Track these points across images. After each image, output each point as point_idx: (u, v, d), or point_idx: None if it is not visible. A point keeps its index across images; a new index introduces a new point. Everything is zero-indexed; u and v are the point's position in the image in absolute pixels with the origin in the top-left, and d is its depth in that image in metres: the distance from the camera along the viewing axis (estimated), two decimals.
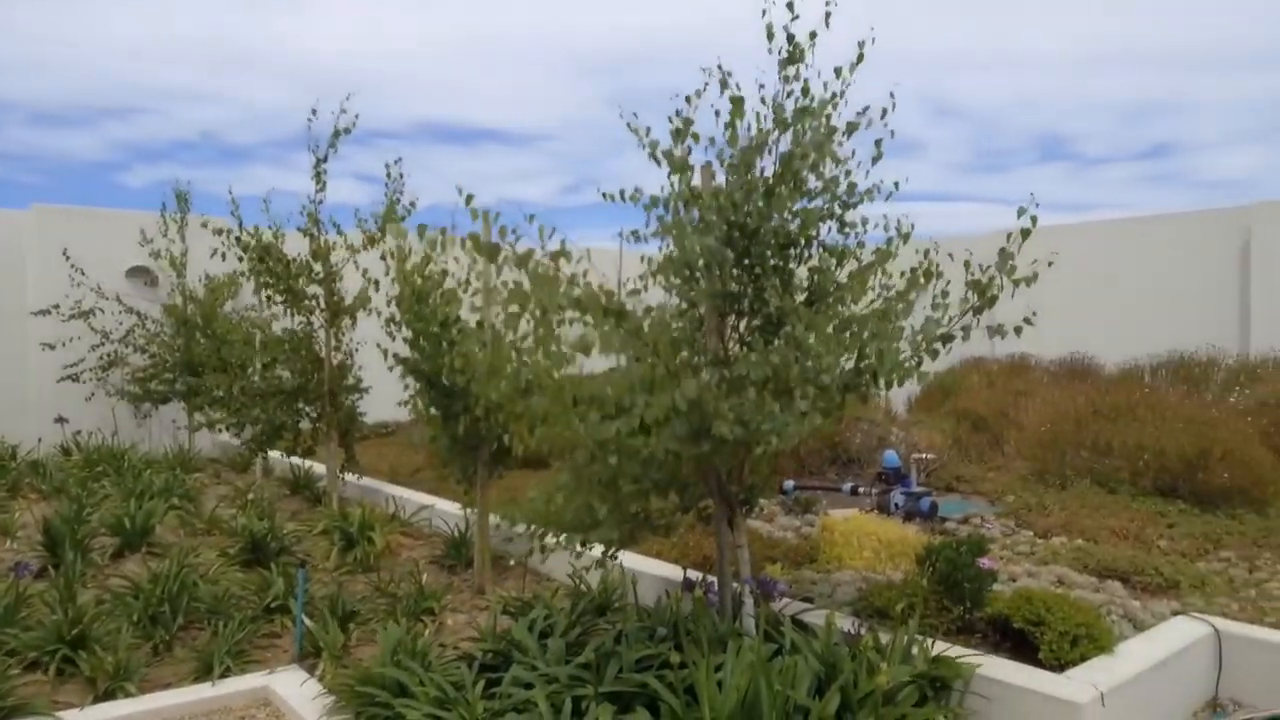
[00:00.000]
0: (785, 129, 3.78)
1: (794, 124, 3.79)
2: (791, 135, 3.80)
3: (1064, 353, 14.20)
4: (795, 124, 3.78)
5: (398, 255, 6.04)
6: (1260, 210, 14.76)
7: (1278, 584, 5.12)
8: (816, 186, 3.85)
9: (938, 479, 8.48)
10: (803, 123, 3.77)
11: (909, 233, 3.85)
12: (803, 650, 3.62)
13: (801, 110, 3.78)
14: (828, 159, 3.80)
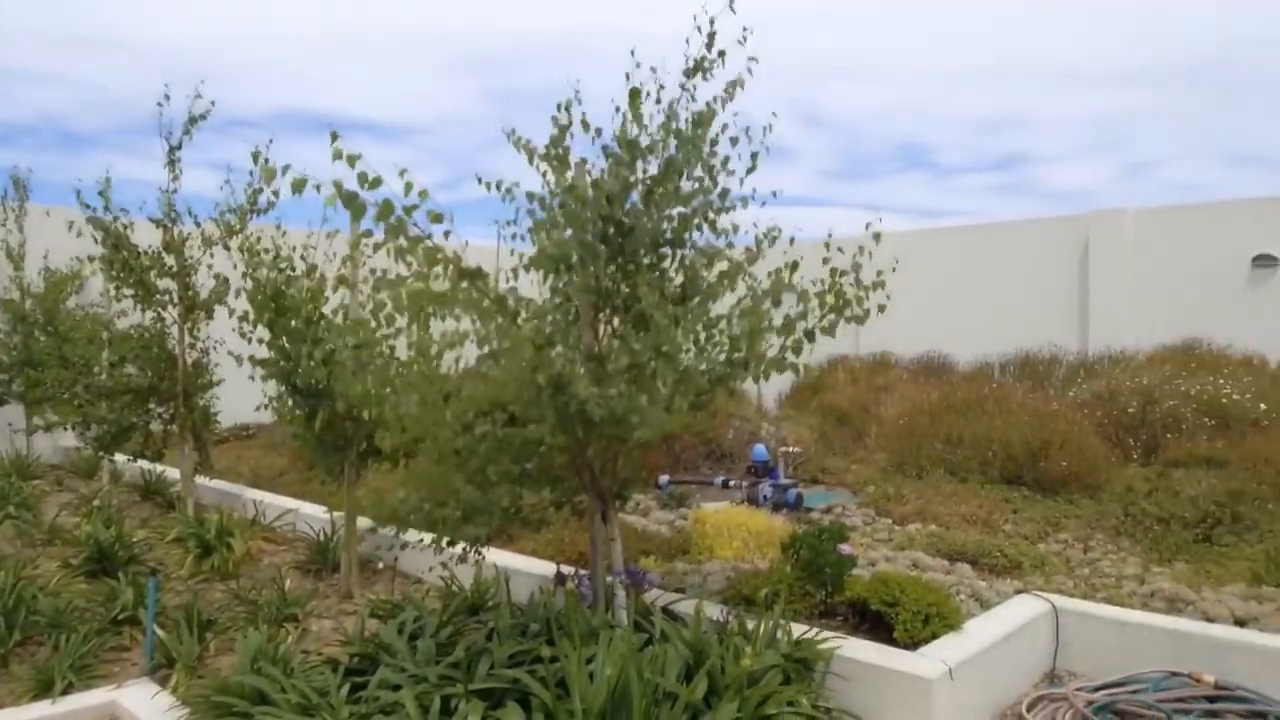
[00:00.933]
0: (674, 136, 3.84)
1: (689, 131, 3.85)
2: (677, 142, 3.86)
3: (921, 352, 14.95)
4: (691, 131, 3.85)
5: (249, 249, 5.78)
6: (1096, 218, 15.95)
7: (1109, 563, 5.55)
8: (692, 190, 3.94)
9: (804, 471, 8.78)
10: (693, 131, 3.85)
11: (776, 235, 3.98)
12: (672, 639, 3.68)
13: (695, 120, 3.85)
14: (703, 166, 3.88)
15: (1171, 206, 15.81)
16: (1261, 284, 14.35)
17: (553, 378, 3.43)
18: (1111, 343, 13.97)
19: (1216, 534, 5.86)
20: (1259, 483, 6.47)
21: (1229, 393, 9.05)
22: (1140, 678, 3.96)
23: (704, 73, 3.89)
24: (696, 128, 3.84)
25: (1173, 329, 13.41)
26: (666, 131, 3.82)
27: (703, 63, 3.89)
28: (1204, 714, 3.73)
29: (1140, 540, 6.00)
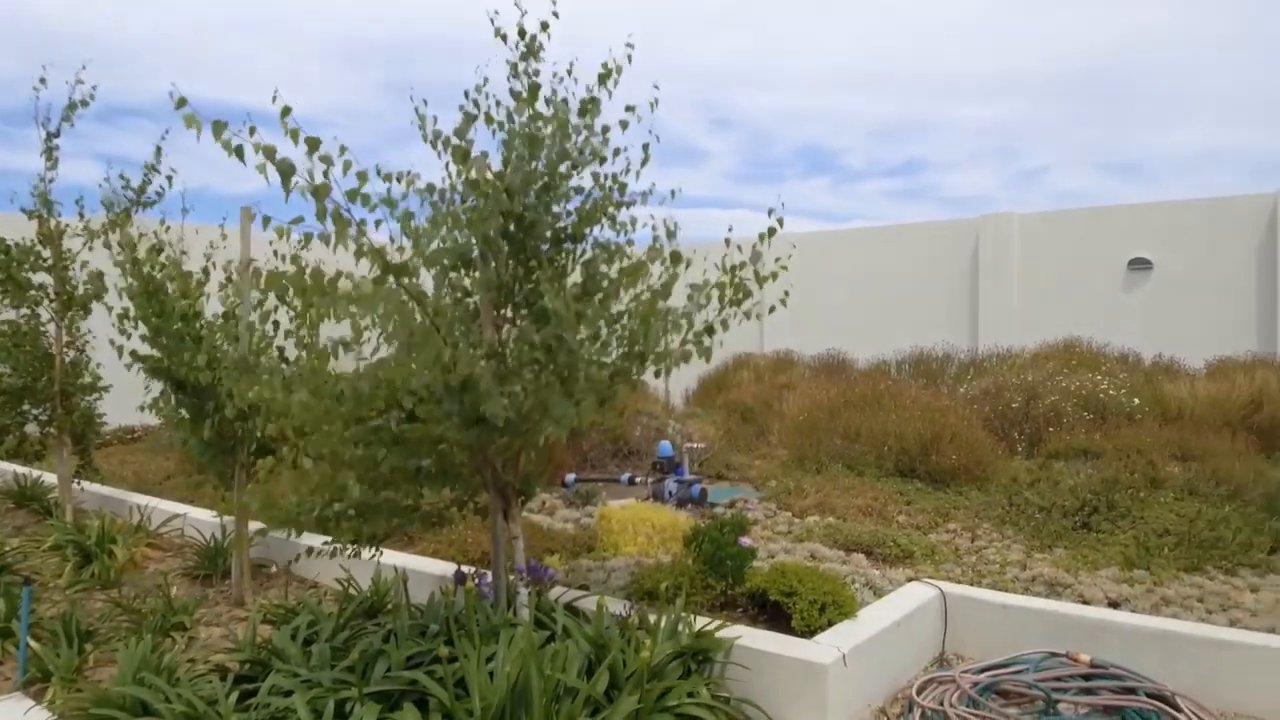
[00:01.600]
0: (563, 127, 3.84)
1: (578, 121, 3.86)
2: (566, 133, 3.87)
3: (823, 350, 15.34)
4: (579, 120, 3.86)
5: (126, 243, 5.51)
6: (986, 222, 16.65)
7: (994, 550, 5.81)
8: (589, 185, 3.95)
9: (709, 467, 8.90)
10: (583, 120, 3.86)
11: (674, 232, 4.02)
12: (574, 635, 3.69)
13: (582, 108, 3.87)
14: (598, 158, 3.91)
15: (1055, 211, 16.63)
16: (1136, 286, 15.24)
17: (463, 378, 3.39)
18: (1000, 341, 14.61)
19: (1093, 521, 6.19)
20: (1131, 472, 6.88)
21: (1106, 388, 9.58)
22: (1022, 658, 4.16)
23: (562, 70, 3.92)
24: (582, 115, 3.86)
25: (1056, 328, 14.11)
26: (559, 124, 3.82)
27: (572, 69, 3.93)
28: (1080, 691, 3.94)
29: (1023, 528, 6.29)
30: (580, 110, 3.92)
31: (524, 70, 3.90)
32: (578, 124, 3.90)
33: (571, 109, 3.95)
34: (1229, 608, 4.58)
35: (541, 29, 3.91)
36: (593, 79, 4.00)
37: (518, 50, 3.93)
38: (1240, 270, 14.30)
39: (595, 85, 3.99)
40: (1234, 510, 6.07)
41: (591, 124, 3.93)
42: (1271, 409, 9.19)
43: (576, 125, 3.90)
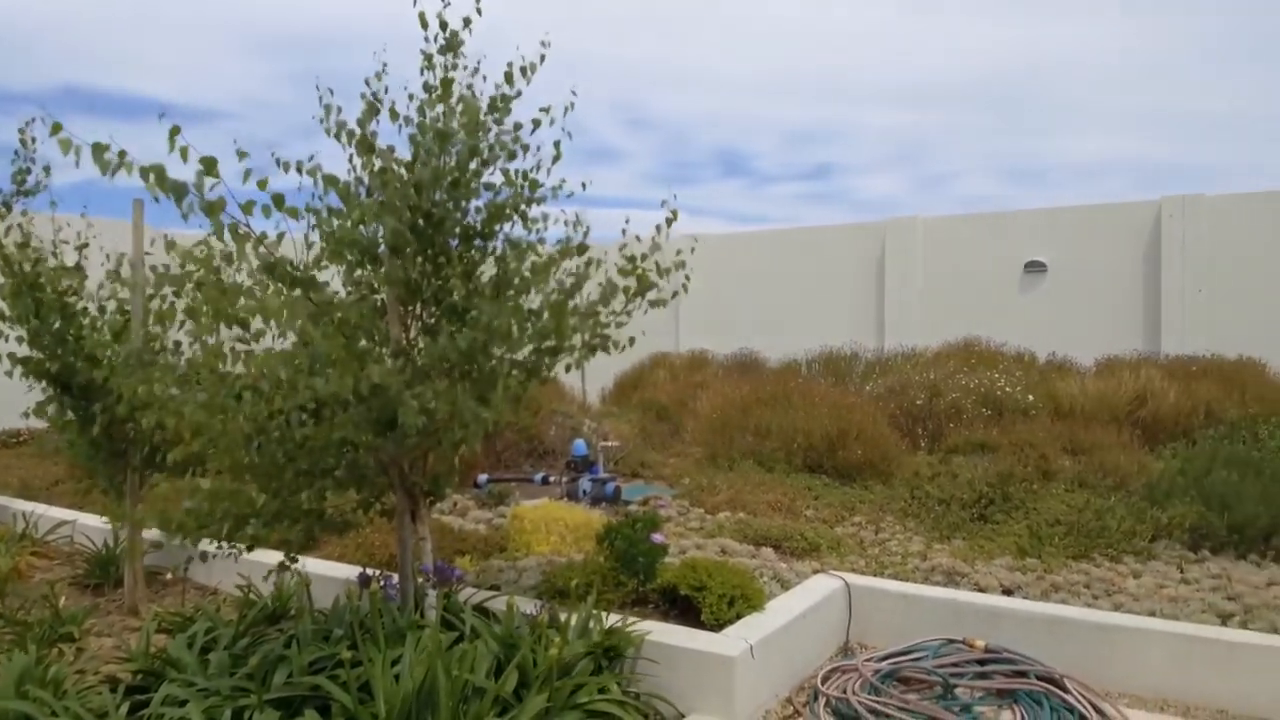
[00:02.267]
0: (475, 122, 3.81)
1: (485, 116, 3.84)
2: (477, 129, 3.84)
3: (736, 349, 15.56)
4: (487, 115, 3.83)
5: None
6: (891, 225, 17.16)
7: (896, 542, 6.00)
8: (499, 180, 3.92)
9: (625, 466, 8.94)
10: (492, 115, 3.83)
11: (583, 227, 4.03)
12: (483, 635, 3.67)
13: (491, 104, 3.84)
14: (507, 154, 3.88)
15: (957, 216, 17.25)
16: (1032, 287, 15.92)
17: (377, 388, 3.33)
18: (905, 340, 15.08)
19: (990, 513, 6.45)
20: (1025, 465, 7.19)
21: (1003, 386, 9.99)
22: (921, 646, 4.31)
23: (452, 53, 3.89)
24: (493, 112, 3.84)
25: (957, 328, 14.63)
26: (469, 118, 3.79)
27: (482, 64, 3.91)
28: (975, 675, 4.10)
29: (924, 520, 6.51)
30: (490, 106, 3.89)
31: (441, 64, 3.84)
32: (485, 120, 3.87)
33: (484, 106, 3.92)
34: (1113, 593, 4.83)
35: (464, 25, 3.86)
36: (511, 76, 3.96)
37: (436, 43, 3.87)
38: (1127, 273, 15.09)
39: (504, 83, 3.97)
40: (1119, 500, 6.40)
41: (502, 120, 3.91)
42: (1154, 405, 9.73)
43: (484, 122, 3.86)
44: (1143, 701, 4.06)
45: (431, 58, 3.86)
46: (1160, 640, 4.12)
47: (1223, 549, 5.67)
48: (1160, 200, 14.86)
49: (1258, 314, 13.86)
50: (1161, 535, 5.85)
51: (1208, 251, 14.34)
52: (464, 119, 3.80)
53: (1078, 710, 3.78)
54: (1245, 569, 5.29)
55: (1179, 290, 14.53)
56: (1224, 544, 5.70)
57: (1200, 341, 13.29)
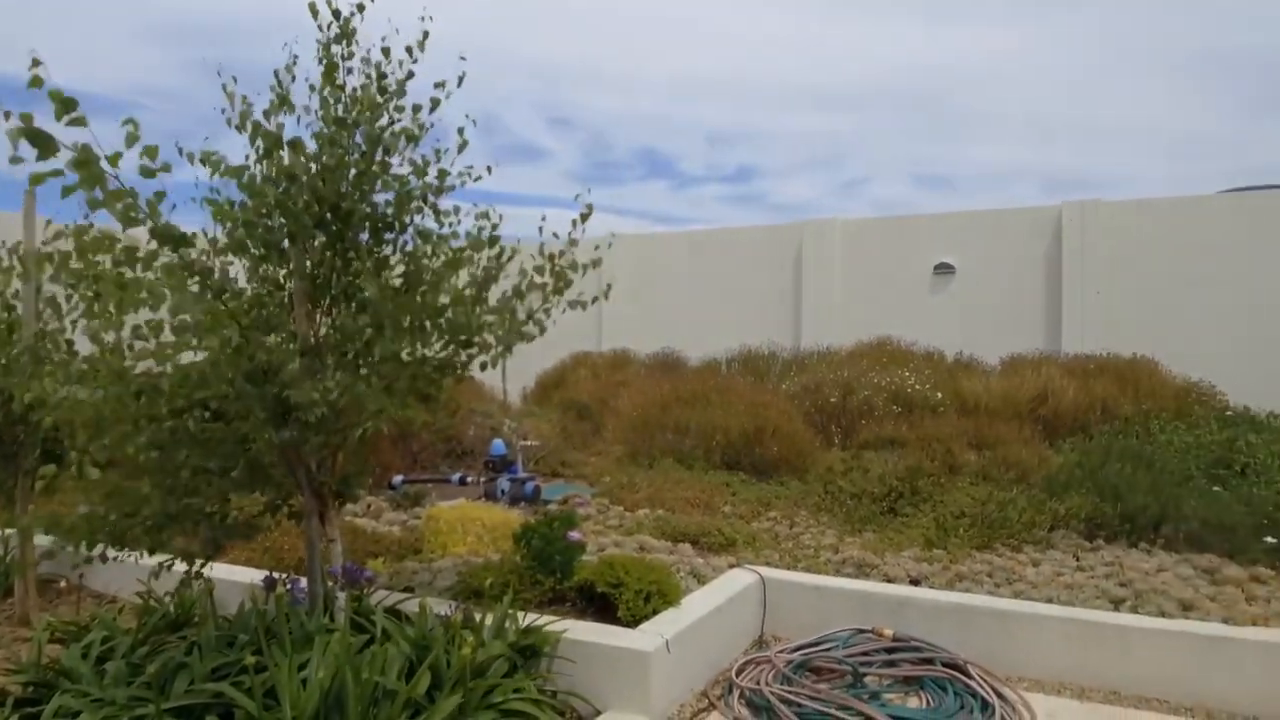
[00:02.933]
0: (372, 107, 3.74)
1: (384, 104, 3.77)
2: (375, 114, 3.77)
3: (658, 348, 15.64)
4: (386, 104, 3.77)
5: None
6: (808, 227, 17.49)
7: (810, 536, 6.12)
8: (407, 171, 3.85)
9: (545, 465, 8.89)
10: (388, 100, 3.77)
11: (498, 223, 3.99)
12: (395, 637, 3.60)
13: (381, 88, 3.77)
14: (407, 137, 3.82)
15: (871, 219, 17.69)
16: (941, 289, 16.42)
17: (262, 364, 3.23)
18: (821, 339, 15.38)
19: (899, 506, 6.64)
20: (933, 460, 7.43)
21: (913, 384, 10.29)
22: (832, 636, 4.41)
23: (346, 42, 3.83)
24: (383, 95, 3.78)
25: (870, 327, 14.99)
26: (368, 104, 3.72)
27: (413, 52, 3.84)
28: (884, 664, 4.22)
29: (837, 514, 6.66)
30: (379, 89, 3.80)
31: (338, 53, 3.76)
32: (384, 105, 3.79)
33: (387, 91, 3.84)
34: (1014, 581, 5.02)
35: (358, 10, 3.79)
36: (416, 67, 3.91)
37: (330, 31, 3.78)
38: (1030, 275, 15.69)
39: (397, 66, 3.89)
40: (1020, 493, 6.66)
41: (402, 104, 3.83)
42: (1055, 401, 10.15)
43: (383, 106, 3.78)
44: (1041, 685, 4.23)
45: (329, 47, 3.77)
46: (1057, 626, 4.30)
47: (1116, 538, 5.96)
48: (1061, 206, 15.51)
49: (1151, 315, 14.59)
50: (1059, 525, 6.11)
51: (1104, 255, 15.03)
52: (359, 105, 3.71)
53: (980, 695, 3.92)
54: (1136, 556, 5.56)
55: (1078, 292, 15.18)
56: (1117, 533, 5.99)
57: (1098, 341, 13.91)
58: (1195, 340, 13.83)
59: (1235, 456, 7.70)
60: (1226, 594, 4.74)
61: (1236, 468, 7.47)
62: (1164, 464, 7.31)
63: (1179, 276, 14.57)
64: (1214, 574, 5.15)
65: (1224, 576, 5.07)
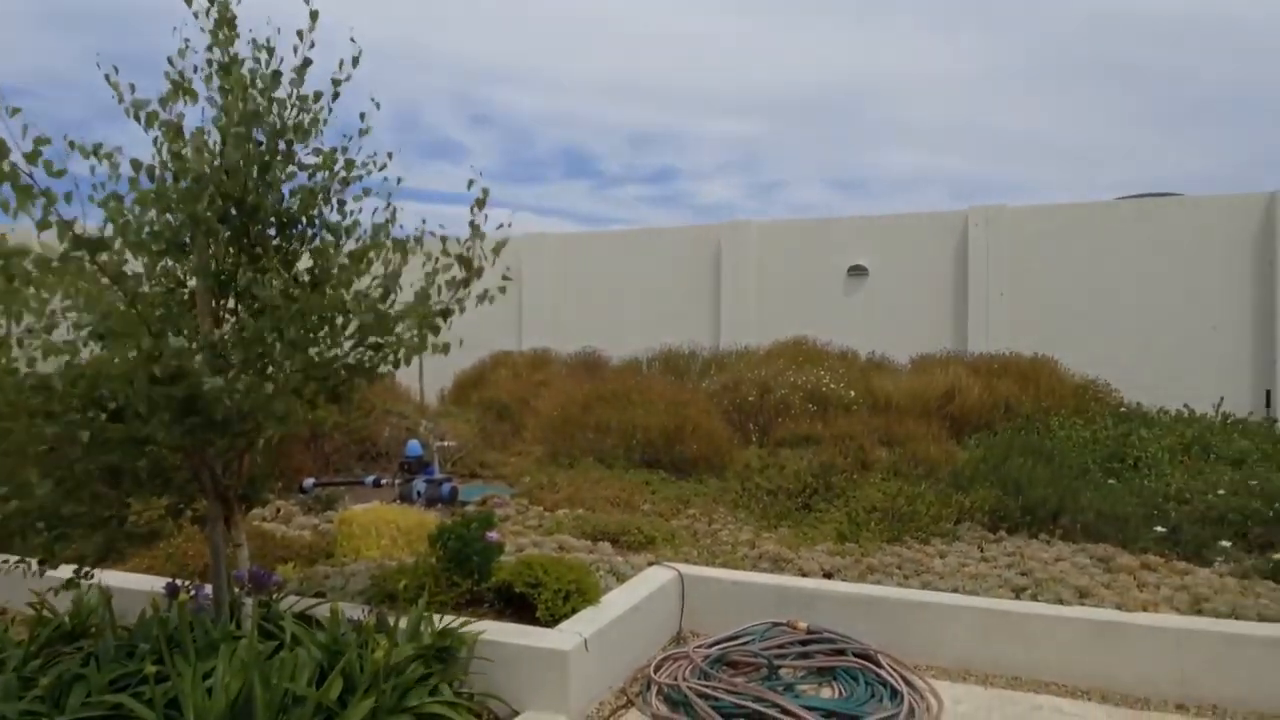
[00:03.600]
0: (268, 98, 3.64)
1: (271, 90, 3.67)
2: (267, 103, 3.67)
3: (579, 348, 15.62)
4: (271, 90, 3.67)
5: None
6: (727, 229, 17.71)
7: (727, 532, 6.19)
8: (315, 162, 3.76)
9: (463, 466, 8.79)
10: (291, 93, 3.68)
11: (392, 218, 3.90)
12: (306, 642, 3.51)
13: (295, 80, 3.68)
14: (308, 126, 3.73)
15: (787, 221, 18.01)
16: (855, 290, 16.83)
17: (170, 370, 3.11)
18: (740, 339, 15.59)
19: (813, 501, 6.79)
20: (846, 456, 7.61)
21: (827, 382, 10.51)
22: (749, 630, 4.48)
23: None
24: (274, 84, 3.69)
25: (788, 327, 15.26)
26: (261, 92, 3.62)
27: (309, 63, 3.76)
28: (798, 655, 4.31)
29: (754, 511, 6.77)
30: (271, 79, 3.69)
31: (220, 39, 3.64)
32: (266, 88, 3.69)
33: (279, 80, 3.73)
34: (922, 572, 5.18)
35: None
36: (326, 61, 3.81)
37: (209, 17, 3.65)
38: (939, 277, 16.21)
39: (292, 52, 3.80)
40: (928, 487, 6.88)
41: (304, 94, 3.74)
42: (961, 399, 10.51)
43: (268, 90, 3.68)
44: (947, 672, 4.38)
45: (218, 33, 3.64)
46: (963, 615, 4.46)
47: (1018, 529, 6.20)
48: (968, 210, 16.06)
49: (1051, 316, 15.23)
50: (965, 518, 6.33)
51: (1009, 258, 15.62)
52: (242, 92, 3.60)
53: (890, 684, 4.04)
54: (1036, 546, 5.80)
55: (984, 294, 15.75)
56: (1019, 525, 6.24)
57: (1002, 341, 14.46)
58: (1092, 340, 14.51)
59: (1128, 451, 8.11)
60: (1120, 581, 4.98)
61: (1129, 461, 7.87)
62: (1062, 459, 7.64)
63: (1077, 279, 15.25)
64: (1108, 562, 5.40)
65: (1117, 565, 5.33)
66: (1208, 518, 6.13)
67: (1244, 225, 14.36)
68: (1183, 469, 7.46)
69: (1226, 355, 14.34)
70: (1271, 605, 4.48)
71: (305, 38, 3.73)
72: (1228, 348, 14.37)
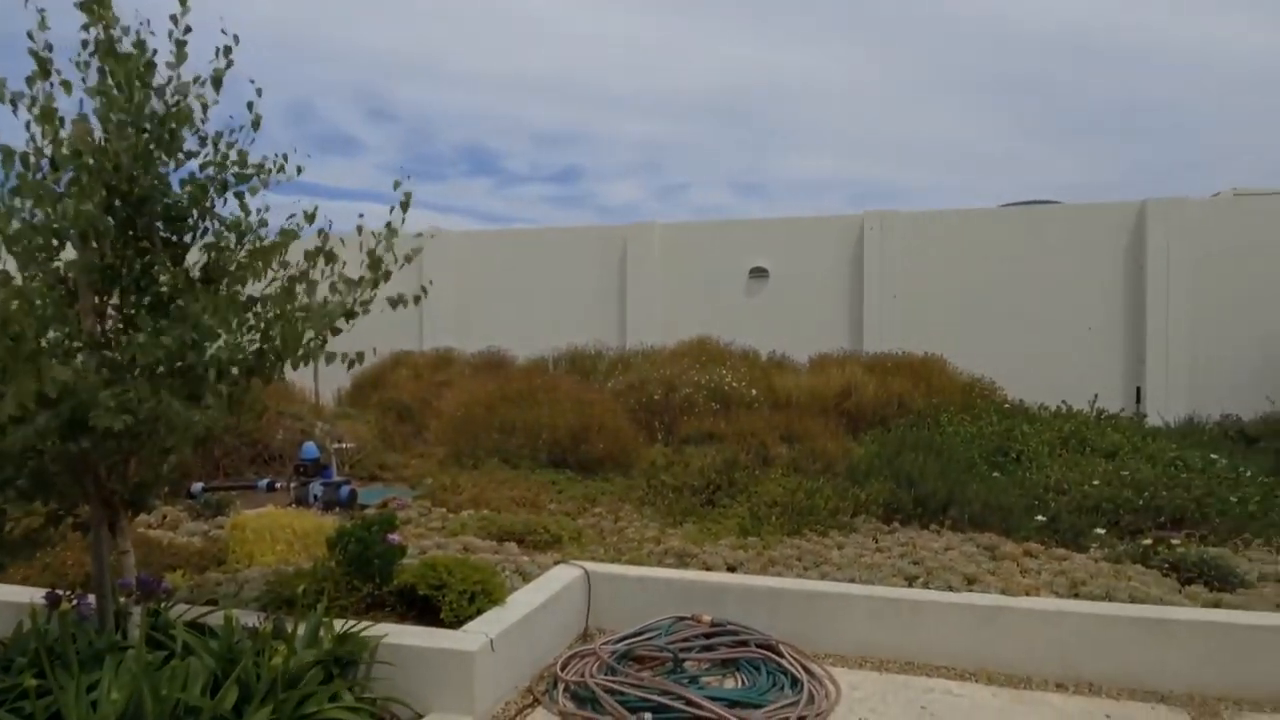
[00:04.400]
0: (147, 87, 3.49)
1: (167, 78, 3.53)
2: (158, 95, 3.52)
3: (484, 347, 15.45)
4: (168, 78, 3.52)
5: None
6: (632, 230, 17.82)
7: (633, 529, 6.24)
8: (205, 153, 3.62)
9: (362, 469, 8.59)
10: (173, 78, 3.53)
11: (313, 213, 3.81)
12: (198, 651, 3.39)
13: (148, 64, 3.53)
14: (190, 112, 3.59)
15: (691, 223, 18.25)
16: (757, 291, 17.17)
17: (67, 389, 2.95)
18: (645, 339, 15.72)
19: (717, 497, 6.91)
20: (748, 453, 7.77)
21: (730, 381, 10.71)
22: (655, 625, 4.52)
23: None
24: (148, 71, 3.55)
25: (692, 327, 15.47)
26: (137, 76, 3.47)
27: None
28: (703, 649, 4.37)
29: (659, 507, 6.84)
30: (147, 64, 3.54)
31: (96, 13, 3.46)
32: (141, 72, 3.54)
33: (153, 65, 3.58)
34: (821, 564, 5.33)
35: None
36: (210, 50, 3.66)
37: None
38: (837, 279, 16.70)
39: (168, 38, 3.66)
40: (826, 482, 7.09)
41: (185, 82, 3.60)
42: (857, 397, 10.87)
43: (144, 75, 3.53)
44: (846, 659, 4.53)
45: (92, 7, 3.46)
46: (860, 603, 4.62)
47: (910, 520, 6.45)
48: (863, 214, 16.60)
49: (940, 316, 15.88)
50: (861, 511, 6.55)
51: (901, 260, 16.22)
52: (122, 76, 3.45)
53: (790, 672, 4.15)
54: (928, 537, 6.05)
55: (878, 295, 16.31)
56: (911, 516, 6.49)
57: (895, 341, 14.99)
58: (979, 340, 15.19)
59: (1012, 445, 8.55)
60: (1004, 568, 5.24)
61: (1013, 455, 8.29)
62: (951, 453, 8.00)
63: (965, 282, 15.95)
64: (994, 550, 5.68)
65: (1002, 552, 5.61)
66: (1084, 507, 6.52)
67: (1117, 233, 15.29)
68: (1061, 462, 7.90)
69: (1101, 355, 15.24)
70: (1141, 587, 4.80)
71: (180, 22, 3.58)
72: (1102, 348, 15.27)
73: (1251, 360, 14.33)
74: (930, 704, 4.04)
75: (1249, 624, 4.17)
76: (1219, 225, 14.76)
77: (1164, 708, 4.02)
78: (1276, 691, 4.06)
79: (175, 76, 3.57)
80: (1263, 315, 14.30)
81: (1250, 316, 14.46)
